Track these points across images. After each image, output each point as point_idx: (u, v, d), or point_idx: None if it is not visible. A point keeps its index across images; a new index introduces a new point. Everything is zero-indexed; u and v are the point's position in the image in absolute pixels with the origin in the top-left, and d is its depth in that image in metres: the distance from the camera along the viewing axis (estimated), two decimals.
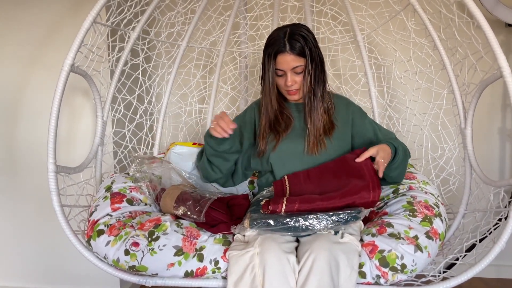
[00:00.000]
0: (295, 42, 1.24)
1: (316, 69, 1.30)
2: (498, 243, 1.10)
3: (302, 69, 1.28)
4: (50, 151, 1.22)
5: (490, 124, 1.98)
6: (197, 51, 1.93)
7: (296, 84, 1.30)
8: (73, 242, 1.21)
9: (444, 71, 1.51)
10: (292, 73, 1.28)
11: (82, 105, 1.82)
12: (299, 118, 1.40)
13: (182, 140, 2.01)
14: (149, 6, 1.61)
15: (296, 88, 1.31)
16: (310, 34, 1.29)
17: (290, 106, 1.42)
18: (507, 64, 1.12)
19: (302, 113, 1.40)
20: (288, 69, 1.27)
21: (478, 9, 1.15)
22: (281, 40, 1.25)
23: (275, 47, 1.26)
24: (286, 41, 1.25)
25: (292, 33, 1.26)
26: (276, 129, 1.37)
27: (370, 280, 1.09)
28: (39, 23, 1.80)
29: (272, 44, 1.27)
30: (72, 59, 1.23)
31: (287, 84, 1.29)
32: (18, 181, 1.89)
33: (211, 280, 1.11)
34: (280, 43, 1.25)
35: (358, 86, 1.90)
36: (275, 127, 1.37)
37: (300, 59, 1.26)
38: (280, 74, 1.30)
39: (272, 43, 1.27)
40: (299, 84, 1.31)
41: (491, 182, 1.28)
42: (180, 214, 1.23)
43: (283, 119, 1.38)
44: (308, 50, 1.26)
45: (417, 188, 1.36)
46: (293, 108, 1.42)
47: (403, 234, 1.13)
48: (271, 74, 1.30)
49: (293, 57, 1.25)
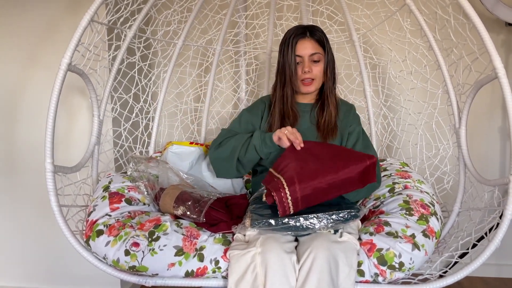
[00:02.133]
0: (315, 31, 1.36)
1: (330, 64, 1.38)
2: (493, 241, 1.12)
3: (319, 57, 1.36)
4: (47, 151, 1.21)
5: (490, 124, 2.00)
6: (193, 49, 1.92)
7: (311, 73, 1.36)
8: (71, 242, 1.20)
9: (439, 71, 1.53)
10: (310, 60, 1.35)
11: (78, 104, 1.80)
12: (305, 118, 1.43)
13: (178, 139, 2.00)
14: (146, 4, 1.60)
15: (311, 77, 1.37)
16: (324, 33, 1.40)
17: (298, 106, 1.44)
18: (502, 65, 1.13)
19: (308, 114, 1.44)
20: (306, 54, 1.35)
21: (474, 11, 1.16)
22: (302, 29, 1.36)
23: (296, 35, 1.34)
24: (306, 29, 1.36)
25: (311, 26, 1.38)
26: (283, 125, 1.38)
27: (368, 278, 1.10)
28: (37, 22, 1.79)
29: (292, 34, 1.35)
30: (69, 58, 1.22)
31: (304, 70, 1.35)
32: (17, 181, 1.88)
33: (211, 279, 1.12)
34: (300, 31, 1.35)
35: (353, 85, 1.91)
36: (283, 122, 1.40)
37: (318, 47, 1.36)
38: (298, 61, 1.36)
39: (292, 32, 1.35)
40: (314, 73, 1.37)
41: (485, 181, 1.30)
42: (180, 214, 1.24)
43: (292, 115, 1.41)
44: (326, 42, 1.37)
45: (413, 187, 1.38)
46: (301, 108, 1.45)
47: (401, 232, 1.15)
48: (292, 64, 1.35)
49: (313, 43, 1.35)
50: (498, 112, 1.99)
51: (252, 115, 1.47)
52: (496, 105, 1.99)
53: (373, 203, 1.38)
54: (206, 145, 1.66)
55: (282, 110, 1.40)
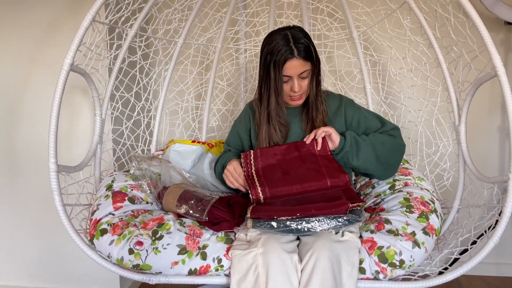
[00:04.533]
0: (302, 46, 1.21)
1: (316, 72, 1.29)
2: (492, 239, 1.13)
3: (308, 74, 1.26)
4: (51, 150, 1.22)
5: (489, 122, 2.00)
6: (194, 47, 1.93)
7: (301, 89, 1.27)
8: (76, 241, 1.22)
9: (439, 69, 1.53)
10: (299, 78, 1.25)
11: (80, 103, 1.81)
12: (295, 123, 1.38)
13: (179, 137, 2.02)
14: (147, 3, 1.60)
15: (301, 93, 1.29)
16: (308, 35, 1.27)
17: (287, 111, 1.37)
18: (501, 63, 1.14)
19: (298, 116, 1.38)
20: (295, 74, 1.23)
21: (474, 9, 1.16)
22: (288, 46, 1.20)
23: (282, 53, 1.20)
24: (293, 46, 1.20)
25: (295, 36, 1.21)
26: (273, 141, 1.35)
27: (369, 276, 1.11)
28: (38, 22, 1.79)
29: (278, 51, 1.20)
30: (71, 58, 1.23)
31: (294, 90, 1.25)
32: (17, 180, 1.88)
33: (214, 277, 1.13)
34: (287, 49, 1.20)
35: (354, 82, 1.92)
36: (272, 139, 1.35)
37: (306, 64, 1.23)
38: (285, 80, 1.26)
39: (278, 50, 1.20)
40: (304, 88, 1.28)
41: (485, 178, 1.31)
42: (183, 212, 1.25)
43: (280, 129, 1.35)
44: (314, 53, 1.24)
45: (413, 184, 1.39)
46: (290, 113, 1.38)
47: (401, 230, 1.16)
48: (279, 83, 1.24)
49: (301, 62, 1.21)
50: (497, 111, 2.00)
51: (240, 127, 1.47)
52: (495, 104, 1.99)
53: (374, 200, 1.40)
54: (208, 143, 1.67)
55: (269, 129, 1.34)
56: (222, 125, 2.08)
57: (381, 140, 1.33)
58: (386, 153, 1.33)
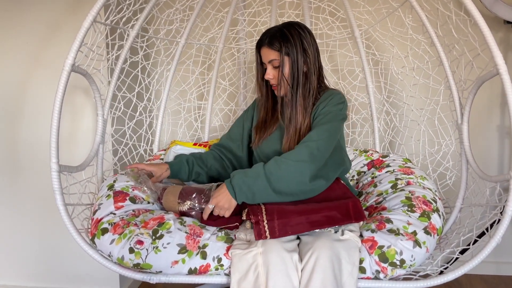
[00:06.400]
0: (274, 36, 1.27)
1: (295, 68, 1.26)
2: (494, 238, 1.12)
3: (278, 63, 1.27)
4: (53, 150, 1.23)
5: (489, 122, 2.00)
6: (196, 47, 1.93)
7: (274, 79, 1.30)
8: (77, 241, 1.22)
9: (441, 67, 1.52)
10: (270, 66, 1.29)
11: (82, 103, 1.82)
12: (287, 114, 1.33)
13: (182, 136, 2.02)
14: (148, 3, 1.61)
15: (274, 82, 1.31)
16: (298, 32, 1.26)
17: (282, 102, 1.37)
18: (503, 62, 1.13)
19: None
20: (265, 61, 1.30)
21: (475, 7, 1.15)
22: (263, 35, 1.30)
23: (257, 42, 1.32)
24: (266, 35, 1.29)
25: (278, 28, 1.28)
26: (265, 126, 1.39)
27: (369, 275, 1.11)
28: (40, 22, 1.79)
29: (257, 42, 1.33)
30: (73, 58, 1.23)
31: (265, 77, 1.31)
32: (18, 180, 1.89)
33: (214, 276, 1.13)
34: (261, 38, 1.30)
35: (356, 81, 1.91)
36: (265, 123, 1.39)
37: (274, 53, 1.26)
38: (265, 67, 1.33)
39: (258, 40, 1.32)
40: (276, 79, 1.29)
41: (487, 177, 1.30)
42: (186, 209, 1.23)
43: (273, 115, 1.39)
44: (285, 47, 1.24)
45: (415, 183, 1.38)
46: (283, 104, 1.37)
47: (402, 230, 1.15)
48: (258, 66, 1.35)
49: (267, 50, 1.28)
50: (496, 111, 1.99)
51: (247, 116, 1.52)
52: (494, 103, 1.99)
53: (376, 199, 1.39)
54: (210, 146, 1.67)
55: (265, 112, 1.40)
56: (225, 125, 2.08)
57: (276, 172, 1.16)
58: (283, 184, 1.16)
